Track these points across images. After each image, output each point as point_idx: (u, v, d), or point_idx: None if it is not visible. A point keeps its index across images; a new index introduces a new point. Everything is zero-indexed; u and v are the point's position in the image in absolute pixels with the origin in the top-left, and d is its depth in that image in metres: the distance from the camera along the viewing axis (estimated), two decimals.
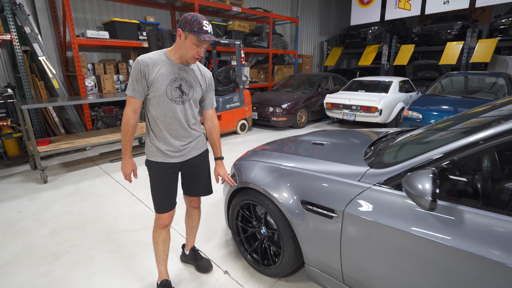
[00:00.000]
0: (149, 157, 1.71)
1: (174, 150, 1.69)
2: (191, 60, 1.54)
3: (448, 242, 1.07)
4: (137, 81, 1.57)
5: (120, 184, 3.62)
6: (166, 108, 1.61)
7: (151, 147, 1.69)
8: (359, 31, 10.15)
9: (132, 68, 1.58)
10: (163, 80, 1.57)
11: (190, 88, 1.64)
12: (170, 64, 1.59)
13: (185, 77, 1.62)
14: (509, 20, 7.96)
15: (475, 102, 5.21)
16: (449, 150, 1.16)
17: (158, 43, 4.97)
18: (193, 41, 1.48)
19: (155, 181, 1.72)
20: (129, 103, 1.61)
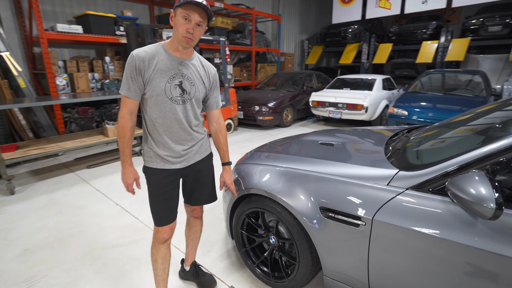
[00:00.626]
0: (147, 163, 1.50)
1: (175, 155, 1.49)
2: (182, 41, 1.32)
3: (507, 253, 0.96)
4: (132, 79, 1.36)
5: (101, 192, 3.29)
6: (166, 108, 1.41)
7: (149, 152, 1.49)
8: (340, 29, 10.25)
9: (126, 64, 1.38)
10: (161, 77, 1.37)
11: (192, 86, 1.44)
12: (168, 58, 1.39)
13: (186, 73, 1.42)
14: (479, 21, 8.34)
15: (455, 99, 5.37)
16: (496, 149, 1.05)
17: (138, 38, 4.63)
18: (180, 14, 1.28)
19: (154, 190, 1.50)
20: (124, 104, 1.41)
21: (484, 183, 0.95)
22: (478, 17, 8.43)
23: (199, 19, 1.29)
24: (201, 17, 1.29)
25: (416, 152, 1.53)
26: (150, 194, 1.53)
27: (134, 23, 5.67)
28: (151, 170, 1.49)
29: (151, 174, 1.50)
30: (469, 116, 1.78)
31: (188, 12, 1.27)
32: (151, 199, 1.53)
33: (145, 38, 4.43)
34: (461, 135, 1.57)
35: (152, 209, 1.54)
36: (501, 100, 1.83)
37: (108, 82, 5.14)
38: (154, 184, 1.50)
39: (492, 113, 1.70)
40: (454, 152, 1.24)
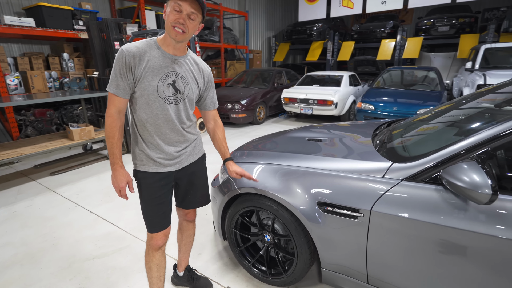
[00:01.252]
0: (138, 166, 1.42)
1: (168, 157, 1.42)
2: (171, 32, 1.25)
3: (500, 234, 1.06)
4: (121, 76, 1.28)
5: (71, 201, 3.04)
6: (157, 109, 1.34)
7: (140, 154, 1.41)
8: (305, 27, 10.51)
9: (115, 60, 1.29)
10: (153, 75, 1.29)
11: (185, 85, 1.38)
12: (161, 55, 1.31)
13: (180, 71, 1.35)
14: (430, 22, 9.09)
15: (414, 94, 5.80)
16: (483, 139, 1.16)
17: (102, 34, 4.32)
18: (172, 5, 1.22)
19: (147, 195, 1.43)
20: (112, 102, 1.32)
21: (478, 171, 1.04)
22: (429, 18, 9.17)
23: (190, 9, 1.21)
24: (193, 8, 1.22)
25: (411, 144, 1.63)
26: (142, 200, 1.45)
27: (95, 17, 5.29)
28: (143, 174, 1.41)
29: (143, 178, 1.42)
30: (444, 109, 1.94)
31: (179, 2, 1.20)
32: (143, 205, 1.46)
33: (110, 34, 4.15)
34: (443, 127, 1.71)
35: (144, 215, 1.47)
36: (471, 93, 2.01)
37: (68, 81, 4.74)
38: (147, 188, 1.42)
39: (464, 105, 1.87)
40: (442, 143, 1.34)
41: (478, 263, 1.13)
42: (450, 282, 1.23)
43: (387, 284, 1.43)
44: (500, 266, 1.09)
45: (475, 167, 1.06)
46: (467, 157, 1.18)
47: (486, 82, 4.65)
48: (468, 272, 1.17)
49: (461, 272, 1.18)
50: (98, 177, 3.65)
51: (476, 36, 8.38)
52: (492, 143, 1.14)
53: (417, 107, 5.15)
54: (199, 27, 1.33)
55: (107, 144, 1.34)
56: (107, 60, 4.50)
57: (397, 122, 2.25)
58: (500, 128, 1.13)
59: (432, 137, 1.66)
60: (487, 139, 1.15)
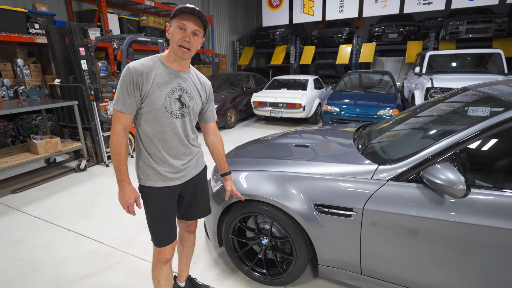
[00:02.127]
0: (145, 182, 1.43)
1: (174, 171, 1.46)
2: (178, 52, 1.30)
3: (474, 221, 1.29)
4: (128, 93, 1.30)
5: (42, 219, 2.84)
6: (165, 123, 1.37)
7: (146, 169, 1.42)
8: (268, 32, 10.81)
9: (122, 78, 1.31)
10: (161, 91, 1.33)
11: (190, 99, 1.43)
12: (166, 71, 1.36)
13: (185, 86, 1.40)
14: (381, 29, 9.93)
15: (373, 96, 6.31)
16: (453, 142, 1.39)
17: (65, 39, 4.06)
18: (175, 24, 1.27)
19: (154, 210, 1.45)
20: (118, 119, 1.34)
21: (453, 170, 1.26)
22: (380, 25, 10.02)
23: (194, 27, 1.28)
24: (196, 25, 1.28)
25: (391, 148, 1.84)
26: (150, 214, 1.47)
27: (52, 20, 4.93)
28: (149, 189, 1.43)
29: (150, 193, 1.44)
30: (413, 114, 2.22)
31: (183, 21, 1.26)
32: (150, 219, 1.47)
33: (74, 39, 3.92)
34: (416, 131, 1.96)
35: (152, 230, 1.49)
36: (433, 99, 2.32)
37: (27, 89, 4.36)
38: (154, 203, 1.44)
39: (429, 111, 2.16)
40: (418, 146, 1.56)
41: (455, 247, 1.36)
42: (432, 265, 1.45)
43: (378, 273, 1.62)
44: (471, 248, 1.33)
45: (450, 167, 1.28)
46: (441, 158, 1.40)
47: (433, 85, 5.26)
48: (447, 255, 1.39)
49: (441, 256, 1.40)
50: (69, 192, 3.43)
51: (420, 42, 9.36)
52: (461, 145, 1.37)
53: (377, 109, 5.63)
54: (201, 41, 1.39)
55: (114, 161, 1.35)
56: (70, 66, 4.24)
57: (370, 126, 2.50)
58: (467, 131, 1.37)
59: (408, 141, 1.90)
60: (457, 142, 1.38)
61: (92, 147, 4.26)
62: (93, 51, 4.40)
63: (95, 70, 4.27)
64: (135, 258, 2.25)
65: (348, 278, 1.73)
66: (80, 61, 3.99)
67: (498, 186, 1.35)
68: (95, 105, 4.08)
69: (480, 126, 1.37)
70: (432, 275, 1.47)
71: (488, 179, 1.42)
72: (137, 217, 2.84)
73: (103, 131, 4.24)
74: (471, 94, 1.96)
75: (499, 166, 1.46)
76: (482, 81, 5.26)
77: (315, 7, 8.80)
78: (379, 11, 8.16)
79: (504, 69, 5.92)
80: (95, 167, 4.23)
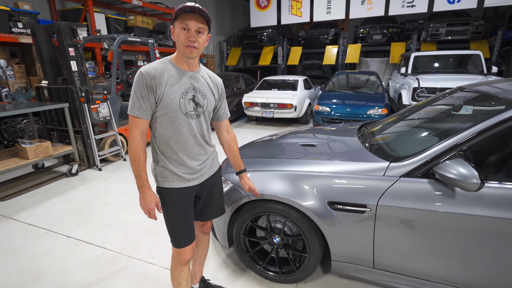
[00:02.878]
0: (163, 183, 1.43)
1: (191, 172, 1.45)
2: (185, 52, 1.30)
3: (485, 213, 1.37)
4: (143, 98, 1.30)
5: (38, 227, 2.73)
6: (181, 125, 1.37)
7: (163, 171, 1.42)
8: (255, 32, 10.84)
9: (135, 83, 1.31)
10: (174, 93, 1.33)
11: (204, 99, 1.42)
12: (178, 72, 1.35)
13: (197, 86, 1.40)
14: (366, 30, 10.21)
15: (362, 96, 6.48)
16: (463, 139, 1.47)
17: (52, 39, 3.91)
18: (179, 26, 1.27)
19: (174, 211, 1.44)
20: (135, 125, 1.33)
21: (466, 165, 1.33)
22: (365, 27, 10.30)
23: (197, 25, 1.26)
24: (199, 23, 1.27)
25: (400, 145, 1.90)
26: (169, 216, 1.46)
27: (36, 19, 4.73)
28: (168, 191, 1.42)
29: (168, 194, 1.43)
30: (414, 112, 2.31)
31: (185, 21, 1.25)
32: (169, 220, 1.46)
33: (63, 39, 3.78)
34: (419, 129, 2.04)
35: (171, 231, 1.48)
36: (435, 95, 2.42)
37: (12, 92, 4.16)
38: (172, 204, 1.44)
39: (432, 107, 2.26)
40: (426, 143, 1.63)
41: (466, 239, 1.43)
42: (444, 257, 1.52)
43: (390, 266, 1.68)
44: (482, 239, 1.41)
45: (462, 162, 1.35)
46: (452, 154, 1.47)
47: (420, 85, 5.47)
48: (459, 247, 1.46)
49: (453, 248, 1.48)
50: (62, 197, 3.31)
51: (403, 44, 9.70)
52: (470, 142, 1.45)
53: (366, 108, 5.78)
54: (208, 38, 1.36)
55: (133, 167, 1.34)
56: (58, 68, 4.09)
57: (371, 125, 2.58)
58: (475, 128, 1.45)
59: (415, 138, 1.98)
60: (466, 138, 1.46)
61: (84, 150, 4.13)
62: (82, 52, 4.27)
63: (85, 71, 4.14)
64: (142, 263, 2.21)
65: (361, 272, 1.78)
66: (69, 62, 3.86)
67: (506, 180, 1.43)
68: (86, 107, 3.96)
69: (486, 124, 1.45)
70: (443, 266, 1.54)
71: (496, 173, 1.50)
72: (138, 221, 2.78)
73: (95, 134, 4.12)
74: (467, 93, 2.07)
75: (508, 161, 1.55)
76: (464, 81, 5.55)
77: (303, 8, 8.93)
78: (365, 13, 8.38)
79: (483, 69, 6.24)
80: (87, 171, 4.10)
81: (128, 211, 2.99)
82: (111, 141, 4.39)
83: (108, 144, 4.33)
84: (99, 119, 4.11)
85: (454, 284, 1.57)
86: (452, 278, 1.56)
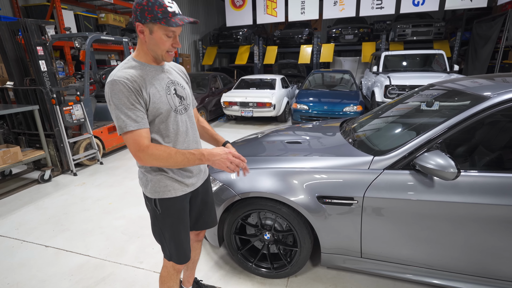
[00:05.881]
0: (164, 194, 1.28)
1: (191, 174, 1.35)
2: (165, 57, 1.19)
3: (461, 200, 1.49)
4: (134, 105, 1.13)
5: (10, 237, 2.56)
6: (173, 123, 1.25)
7: (162, 180, 1.28)
8: (231, 32, 10.80)
9: (115, 95, 1.11)
10: (159, 91, 1.20)
11: (183, 89, 1.32)
12: (152, 70, 1.22)
13: (173, 78, 1.29)
14: (338, 30, 10.55)
15: (338, 94, 6.71)
16: (439, 132, 1.59)
17: (17, 37, 3.66)
18: (162, 32, 1.13)
19: (176, 223, 1.33)
20: (139, 137, 1.13)
21: (443, 156, 1.45)
22: (337, 27, 10.63)
23: (180, 30, 1.18)
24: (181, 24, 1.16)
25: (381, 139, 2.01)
26: (169, 229, 1.33)
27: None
28: (170, 202, 1.30)
29: (172, 205, 1.30)
30: (392, 108, 2.44)
31: (174, 30, 1.14)
32: (169, 233, 1.33)
33: (30, 37, 3.55)
34: (399, 124, 2.17)
35: (173, 245, 1.35)
36: (408, 92, 2.57)
37: None
38: (175, 215, 1.32)
39: (408, 103, 2.40)
40: (406, 137, 1.74)
41: (445, 224, 1.55)
42: (424, 243, 1.63)
43: (377, 255, 1.78)
44: (459, 224, 1.53)
45: (440, 153, 1.47)
46: (430, 146, 1.59)
47: (391, 83, 5.77)
48: (438, 233, 1.58)
49: (433, 234, 1.59)
50: (35, 205, 3.12)
51: (373, 44, 10.14)
52: (446, 134, 1.57)
53: (342, 106, 6.00)
54: None
55: (177, 161, 1.18)
56: (24, 67, 3.84)
57: (352, 121, 2.69)
58: (449, 122, 1.57)
59: (395, 132, 2.10)
60: (442, 132, 1.58)
61: (56, 155, 3.91)
62: (52, 51, 4.04)
63: (55, 71, 3.91)
64: (129, 268, 2.15)
65: (349, 262, 1.86)
66: (38, 61, 3.64)
67: (479, 168, 1.57)
68: (58, 109, 3.75)
69: (458, 118, 1.57)
70: (424, 251, 1.66)
71: (470, 163, 1.64)
72: (122, 226, 2.70)
73: (68, 137, 3.91)
74: (438, 90, 2.23)
75: (479, 151, 1.70)
76: (431, 78, 5.92)
77: (278, 8, 9.04)
78: (337, 13, 8.66)
79: (446, 67, 6.70)
80: (61, 177, 3.89)
81: (110, 216, 2.88)
82: (86, 144, 4.20)
83: (83, 148, 4.14)
84: (73, 122, 3.91)
85: (433, 267, 1.69)
86: (432, 262, 1.68)
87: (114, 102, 1.11)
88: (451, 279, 1.68)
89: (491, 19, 8.45)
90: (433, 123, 1.70)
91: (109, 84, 1.12)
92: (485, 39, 8.54)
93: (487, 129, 1.82)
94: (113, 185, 3.49)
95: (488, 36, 8.37)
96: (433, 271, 1.70)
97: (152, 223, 1.37)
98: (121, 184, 3.51)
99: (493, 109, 1.53)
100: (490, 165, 1.70)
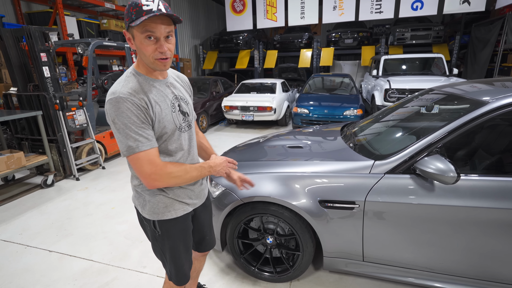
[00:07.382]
0: (164, 215, 1.20)
1: (193, 194, 1.29)
2: (157, 66, 1.06)
3: (458, 204, 1.51)
4: (143, 123, 1.05)
5: (14, 242, 2.57)
6: (177, 142, 1.18)
7: (162, 201, 1.20)
8: (231, 36, 10.89)
9: (121, 114, 1.01)
10: (165, 109, 1.12)
11: (187, 105, 1.24)
12: (157, 84, 1.13)
13: (178, 93, 1.21)
14: (338, 34, 10.62)
15: (338, 97, 6.73)
16: (439, 137, 1.61)
17: (21, 44, 3.71)
18: (140, 34, 1.00)
19: (177, 244, 1.26)
20: (152, 156, 1.06)
21: (443, 160, 1.47)
22: (337, 31, 10.71)
23: (166, 30, 1.02)
24: (167, 26, 1.02)
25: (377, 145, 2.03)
26: (174, 250, 1.26)
27: (1, 22, 4.45)
28: (172, 222, 1.22)
29: (173, 226, 1.23)
30: (393, 111, 2.47)
31: (150, 29, 0.99)
32: (171, 256, 1.27)
33: (34, 43, 3.60)
34: (400, 128, 2.20)
35: (173, 266, 1.29)
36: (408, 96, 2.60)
37: None
38: (176, 237, 1.25)
39: (408, 108, 2.42)
40: (406, 142, 1.77)
41: (446, 228, 1.57)
42: (426, 246, 1.65)
43: (378, 258, 1.79)
44: (459, 227, 1.55)
45: (440, 158, 1.49)
46: (430, 151, 1.61)
47: (391, 87, 5.80)
48: (439, 236, 1.60)
49: (434, 237, 1.61)
50: (39, 210, 3.14)
51: (373, 47, 10.20)
52: (445, 139, 1.60)
53: (342, 109, 6.03)
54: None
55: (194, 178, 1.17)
56: (28, 73, 3.88)
57: (352, 125, 2.72)
58: (449, 126, 1.60)
59: (395, 137, 2.13)
60: (442, 136, 1.60)
61: (59, 160, 3.94)
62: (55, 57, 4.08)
63: (58, 76, 3.96)
64: (133, 272, 2.17)
65: (351, 266, 1.87)
66: (41, 67, 3.68)
67: (479, 172, 1.59)
68: (61, 115, 3.79)
69: (458, 122, 1.60)
70: (425, 255, 1.67)
71: (470, 167, 1.66)
72: (125, 230, 2.71)
73: (71, 142, 3.94)
74: (437, 94, 2.26)
75: (478, 155, 1.72)
76: (430, 82, 5.96)
77: (278, 13, 9.13)
78: (337, 18, 8.74)
79: (445, 71, 6.74)
80: (63, 182, 3.91)
81: (113, 220, 2.90)
82: (89, 149, 4.22)
83: (85, 153, 4.16)
84: (75, 127, 3.94)
85: (435, 270, 1.71)
86: (434, 265, 1.69)
87: (121, 121, 1.01)
88: (453, 283, 1.70)
89: (489, 22, 8.52)
90: (433, 127, 1.73)
91: (113, 101, 1.01)
92: (483, 42, 8.60)
93: (486, 133, 1.84)
94: (116, 190, 3.52)
95: (487, 40, 8.43)
96: (434, 274, 1.72)
97: (152, 243, 1.31)
98: (123, 189, 3.54)
99: (492, 114, 1.56)
100: (489, 169, 1.72)
